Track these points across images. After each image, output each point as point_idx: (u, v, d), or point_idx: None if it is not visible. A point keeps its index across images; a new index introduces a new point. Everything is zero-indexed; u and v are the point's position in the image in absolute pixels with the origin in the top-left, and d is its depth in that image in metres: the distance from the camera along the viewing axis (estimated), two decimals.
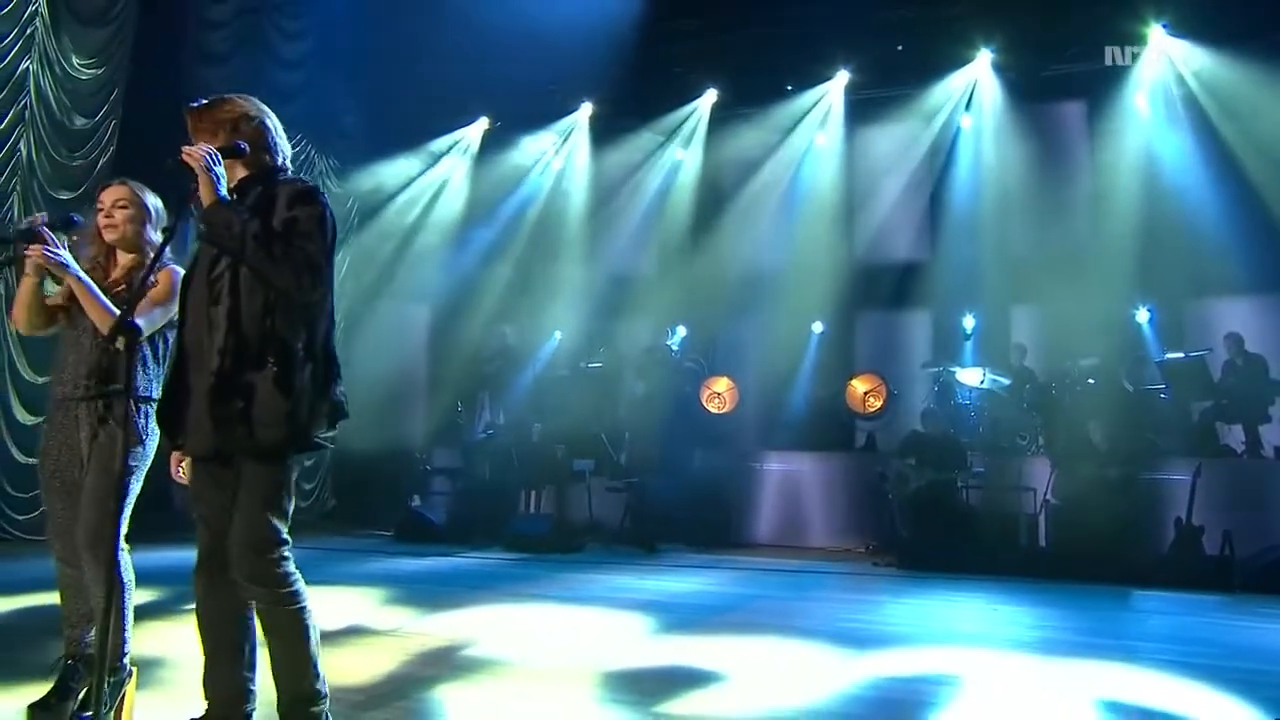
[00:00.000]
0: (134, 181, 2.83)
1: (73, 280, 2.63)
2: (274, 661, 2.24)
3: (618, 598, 5.39)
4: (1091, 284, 8.71)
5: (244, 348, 2.19)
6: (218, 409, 2.17)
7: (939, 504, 7.17)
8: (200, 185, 2.20)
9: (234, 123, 2.34)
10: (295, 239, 2.21)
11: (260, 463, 2.21)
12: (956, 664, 3.88)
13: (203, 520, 2.30)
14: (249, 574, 2.20)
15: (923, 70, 9.25)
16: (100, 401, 2.66)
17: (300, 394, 2.19)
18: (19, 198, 7.48)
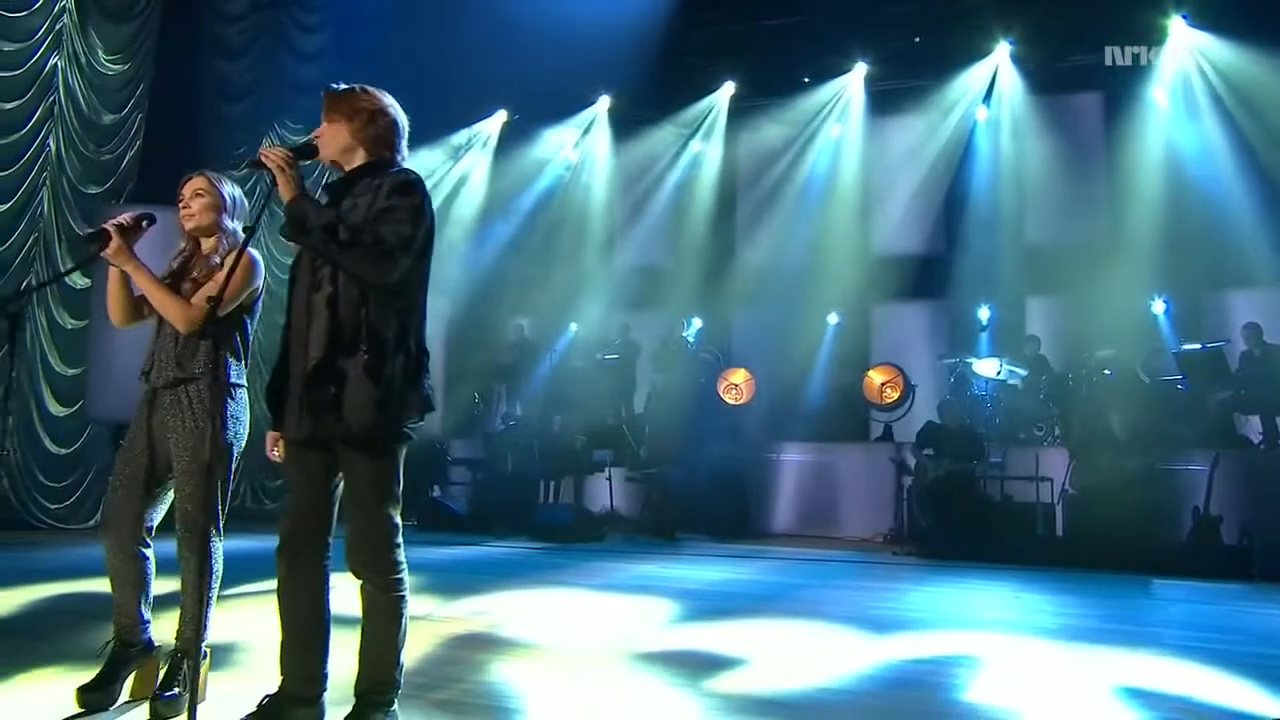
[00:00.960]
0: (211, 172, 2.88)
1: (140, 277, 2.70)
2: (364, 642, 2.33)
3: (644, 585, 5.48)
4: (1108, 275, 8.74)
5: (340, 335, 2.26)
6: (312, 394, 2.26)
7: (957, 494, 7.23)
8: (279, 183, 2.29)
9: (370, 114, 2.42)
10: (382, 227, 2.28)
11: (361, 452, 2.29)
12: (978, 648, 3.95)
13: (289, 502, 2.39)
14: (363, 559, 2.30)
15: (940, 62, 9.28)
16: (184, 389, 2.72)
17: (390, 382, 2.26)
18: (49, 192, 7.60)
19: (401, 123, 2.49)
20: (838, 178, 10.10)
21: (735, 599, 5.14)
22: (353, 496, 2.33)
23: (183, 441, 2.69)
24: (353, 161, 2.43)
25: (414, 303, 2.38)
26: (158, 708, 2.62)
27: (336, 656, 2.42)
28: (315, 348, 2.27)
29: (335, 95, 2.45)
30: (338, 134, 2.42)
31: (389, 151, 2.45)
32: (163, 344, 2.76)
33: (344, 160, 2.44)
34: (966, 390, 8.80)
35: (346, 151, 2.42)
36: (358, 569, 2.32)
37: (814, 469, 8.83)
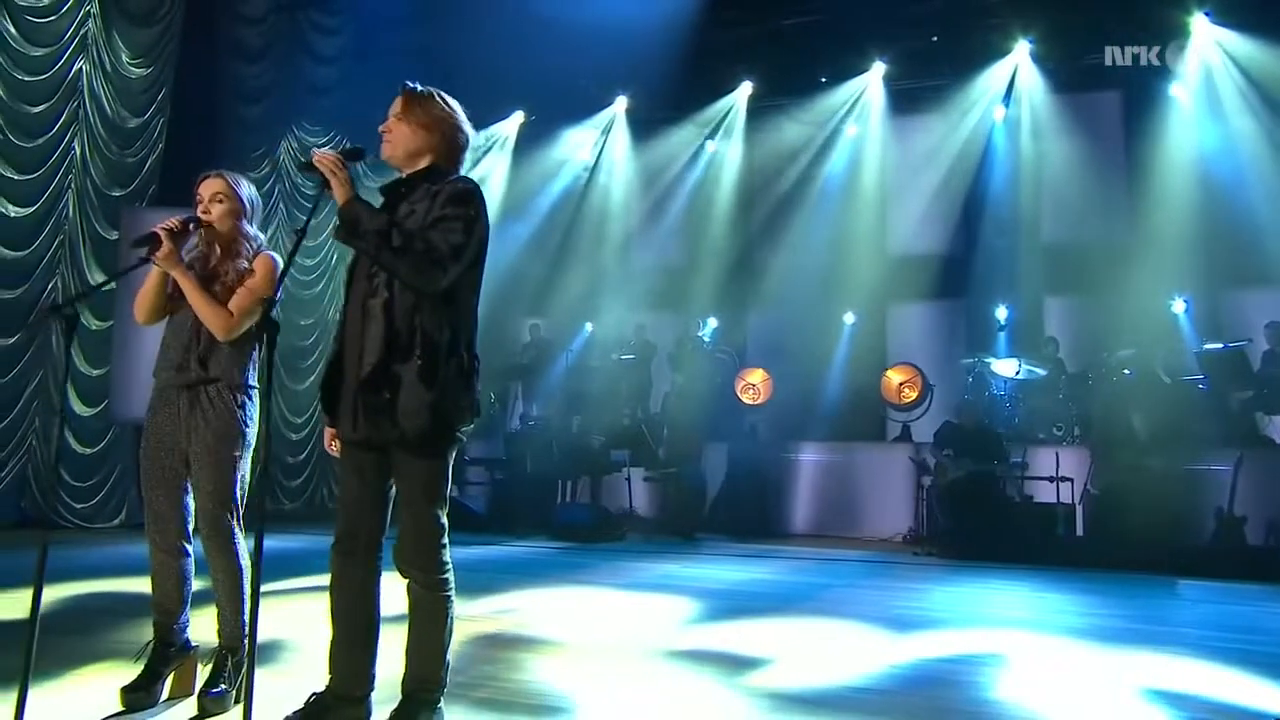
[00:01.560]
0: (229, 173, 2.91)
1: (186, 282, 2.73)
2: (411, 641, 2.37)
3: (668, 584, 5.50)
4: (1127, 275, 8.71)
5: (395, 340, 2.29)
6: (368, 398, 2.29)
7: (978, 494, 7.22)
8: (332, 186, 2.32)
9: (451, 129, 2.45)
10: (434, 235, 2.30)
11: (414, 455, 2.33)
12: (1004, 646, 3.97)
13: (342, 501, 2.43)
14: (411, 559, 2.35)
15: (959, 61, 9.26)
16: (203, 390, 2.75)
17: (443, 386, 2.29)
18: (73, 195, 7.67)
19: (468, 138, 2.52)
20: (855, 177, 10.10)
21: (759, 598, 5.16)
22: (403, 497, 2.37)
23: (204, 441, 2.72)
24: (415, 166, 2.45)
25: (466, 309, 2.40)
26: (205, 704, 2.66)
27: (383, 655, 2.46)
28: (370, 352, 2.30)
29: (416, 97, 2.45)
30: (410, 137, 2.43)
31: (450, 164, 2.48)
32: (184, 343, 2.77)
33: (407, 163, 2.45)
34: (985, 390, 8.79)
35: (413, 155, 2.44)
36: (405, 568, 2.36)
37: (832, 469, 8.83)
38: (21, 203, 7.35)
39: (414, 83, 2.48)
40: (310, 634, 3.46)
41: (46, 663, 3.11)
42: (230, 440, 2.73)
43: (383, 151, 2.46)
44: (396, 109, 2.45)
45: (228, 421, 2.73)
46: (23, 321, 7.37)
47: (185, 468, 2.76)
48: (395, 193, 2.46)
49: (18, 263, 7.34)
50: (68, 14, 7.43)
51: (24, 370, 7.34)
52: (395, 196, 2.45)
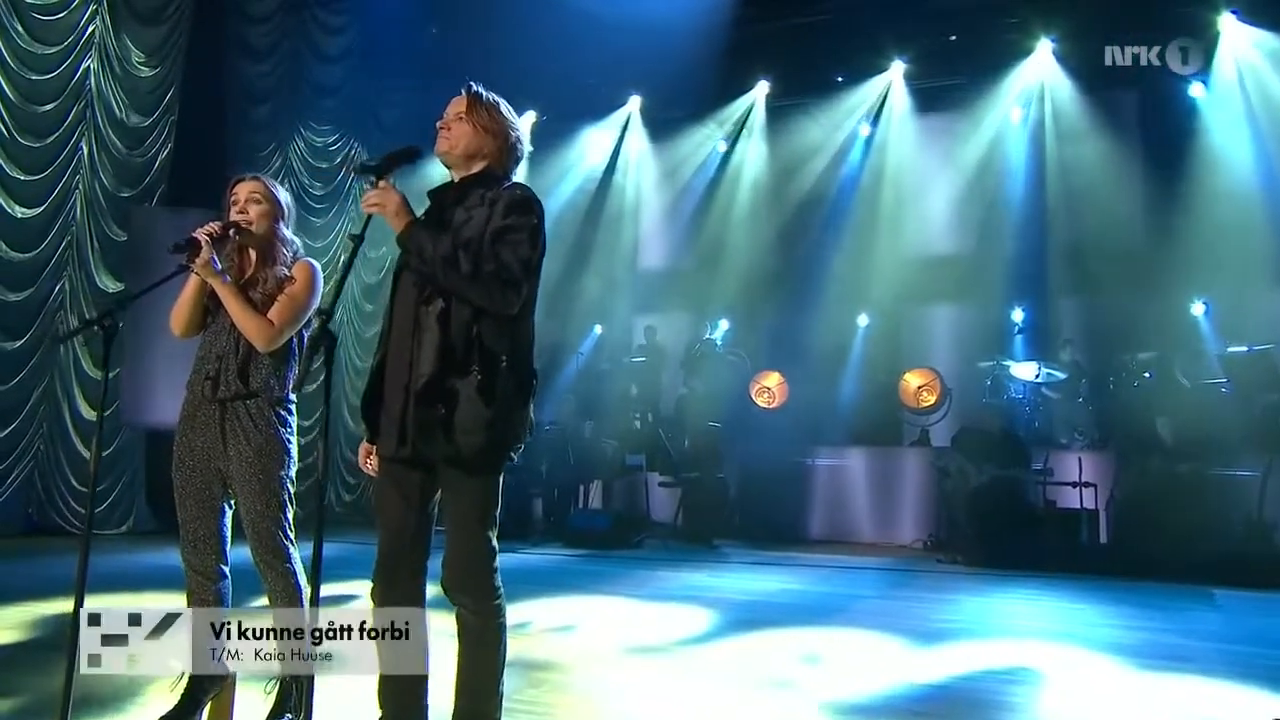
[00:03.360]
0: (265, 176, 2.80)
1: (224, 289, 2.61)
2: (462, 670, 2.24)
3: (693, 594, 5.39)
4: (1146, 276, 8.62)
5: (451, 353, 2.17)
6: (421, 413, 2.16)
7: (1000, 500, 7.12)
8: (387, 219, 2.20)
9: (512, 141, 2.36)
10: (502, 249, 2.20)
11: (467, 473, 2.20)
12: (1037, 661, 3.89)
13: (383, 523, 2.28)
14: (461, 584, 2.21)
15: (978, 61, 9.14)
16: (241, 405, 2.62)
17: (501, 403, 2.17)
18: (81, 196, 7.55)
19: (524, 148, 2.44)
20: (870, 178, 9.98)
21: (787, 610, 5.06)
22: (453, 518, 2.24)
23: (246, 459, 2.59)
24: (470, 168, 2.35)
25: (525, 321, 2.29)
26: None
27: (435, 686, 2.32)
28: (425, 365, 2.17)
29: (481, 100, 2.35)
30: (471, 140, 2.32)
31: (503, 171, 2.38)
32: (221, 355, 2.64)
33: (462, 164, 2.35)
34: (1003, 394, 8.69)
35: (470, 157, 2.33)
36: (454, 595, 2.23)
37: (849, 473, 8.72)
38: (29, 204, 7.23)
39: (476, 85, 2.37)
40: None
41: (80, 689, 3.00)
42: (276, 457, 2.61)
43: (438, 147, 2.34)
44: (460, 108, 2.34)
45: (270, 438, 2.61)
46: (31, 323, 7.25)
47: (223, 487, 2.64)
48: (448, 197, 2.34)
49: (25, 264, 7.22)
50: (75, 12, 7.31)
51: (31, 375, 7.22)
52: (449, 201, 2.33)
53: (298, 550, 2.65)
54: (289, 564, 2.59)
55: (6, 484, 7.03)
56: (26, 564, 6.07)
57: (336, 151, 10.10)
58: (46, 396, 7.32)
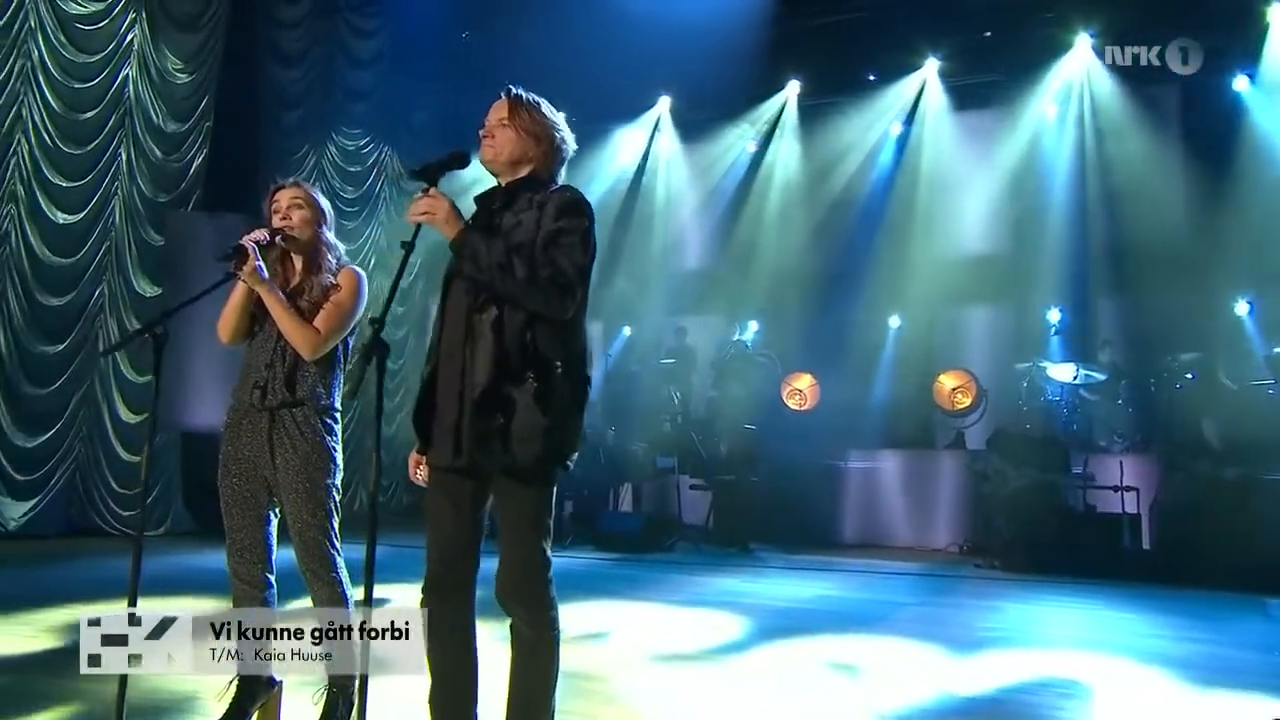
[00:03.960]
0: (304, 182, 2.79)
1: (271, 299, 2.60)
2: (514, 682, 2.20)
3: (729, 600, 5.34)
4: (1187, 275, 8.42)
5: (506, 360, 2.13)
6: (478, 423, 2.12)
7: (1040, 504, 6.99)
8: (438, 227, 2.16)
9: (558, 143, 2.32)
10: (556, 254, 2.16)
11: (522, 483, 2.17)
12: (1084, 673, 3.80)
13: (434, 533, 2.24)
14: (515, 595, 2.18)
15: (1013, 57, 8.99)
16: (288, 413, 2.61)
17: (557, 411, 2.13)
18: (120, 201, 7.66)
19: (569, 149, 2.39)
20: (903, 177, 9.86)
21: (826, 617, 5.00)
22: (507, 527, 2.20)
23: (293, 468, 2.57)
24: (515, 174, 2.31)
25: (578, 326, 2.24)
26: None
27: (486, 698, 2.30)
28: (480, 373, 2.13)
29: (522, 103, 2.31)
30: (514, 144, 2.28)
31: (549, 174, 2.34)
32: (267, 363, 2.63)
33: (508, 170, 2.31)
34: (1040, 396, 8.53)
35: (516, 162, 2.30)
36: (509, 605, 2.19)
37: (883, 476, 8.62)
38: (70, 210, 7.34)
39: (518, 88, 2.34)
40: None
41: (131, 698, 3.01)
42: (322, 467, 2.60)
43: (483, 155, 2.31)
44: (501, 113, 2.31)
45: (317, 446, 2.60)
46: (71, 328, 7.35)
47: (268, 496, 2.63)
48: (496, 202, 2.31)
49: (66, 269, 7.33)
50: (115, 21, 7.41)
51: (72, 379, 7.33)
52: (497, 205, 2.30)
53: (343, 558, 2.64)
54: (335, 573, 2.58)
55: (49, 487, 7.13)
56: (69, 566, 6.15)
57: (367, 155, 10.17)
58: (86, 400, 7.43)
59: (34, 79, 7.06)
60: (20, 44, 6.96)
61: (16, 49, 6.95)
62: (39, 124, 7.11)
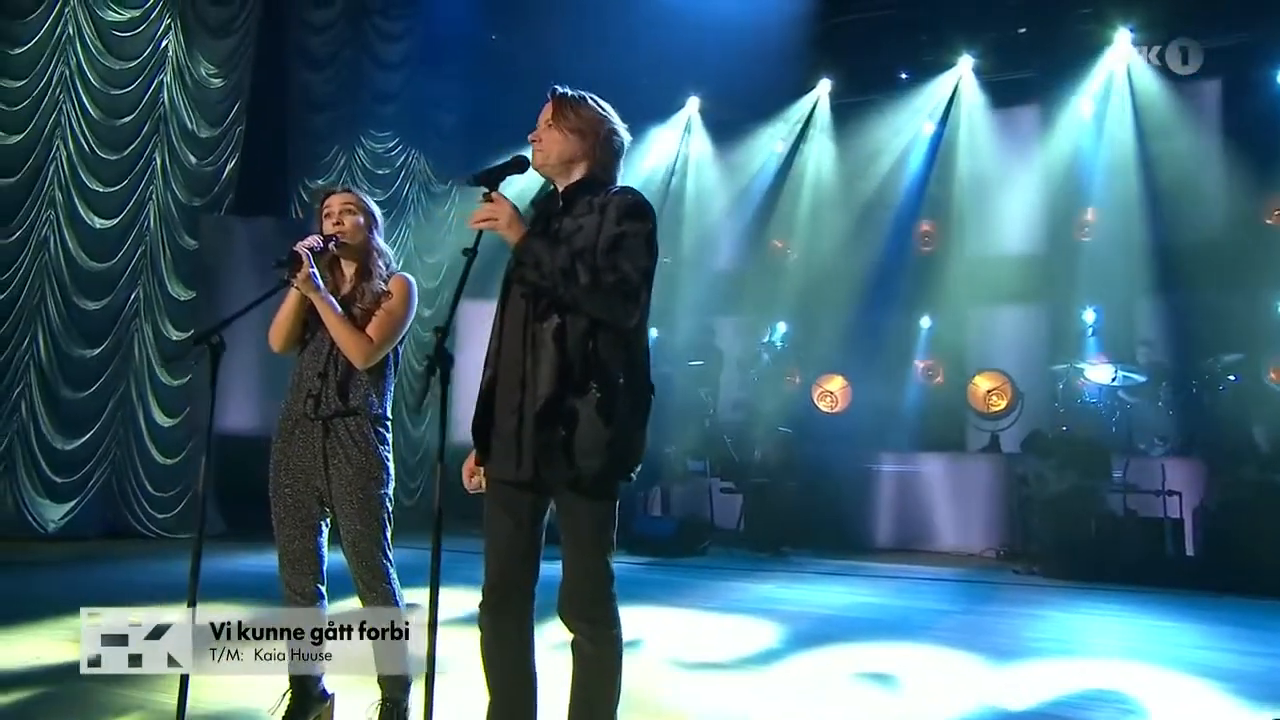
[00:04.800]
0: (356, 187, 2.77)
1: (324, 307, 2.57)
2: (576, 698, 2.16)
3: (767, 608, 5.28)
4: (1229, 274, 8.23)
5: (568, 371, 2.07)
6: (540, 436, 2.07)
7: (1080, 508, 6.86)
8: (500, 233, 2.12)
9: (607, 134, 2.25)
10: (620, 259, 2.10)
11: (585, 496, 2.11)
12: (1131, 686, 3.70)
13: (493, 547, 2.20)
14: (579, 610, 2.14)
15: (1049, 54, 8.83)
16: (341, 423, 2.59)
17: (621, 423, 2.08)
18: (155, 206, 7.72)
19: (624, 143, 2.31)
20: (936, 176, 9.73)
21: (865, 624, 4.92)
22: (571, 542, 2.15)
23: (346, 478, 2.55)
24: (570, 176, 2.25)
25: (640, 333, 2.18)
26: None
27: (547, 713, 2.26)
28: (542, 384, 2.07)
29: (566, 102, 2.25)
30: (563, 145, 2.22)
31: (611, 171, 2.28)
32: (320, 372, 2.60)
33: (560, 174, 2.25)
34: (1077, 398, 8.37)
35: (568, 163, 2.23)
36: (573, 621, 2.15)
37: (916, 479, 8.50)
38: (106, 215, 7.43)
39: (562, 87, 2.28)
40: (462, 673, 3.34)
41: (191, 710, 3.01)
42: (375, 477, 2.57)
43: (534, 160, 2.25)
44: (546, 115, 2.25)
45: (370, 457, 2.57)
46: (107, 332, 7.43)
47: (320, 506, 2.61)
48: (555, 206, 2.26)
49: (102, 274, 7.42)
50: (150, 27, 7.49)
51: (108, 382, 7.41)
52: (556, 210, 2.25)
53: (396, 569, 2.62)
54: (389, 584, 2.56)
55: (87, 489, 7.22)
56: (110, 568, 6.21)
57: (395, 158, 10.19)
58: (122, 403, 7.51)
59: (72, 86, 7.15)
60: (60, 51, 7.05)
61: (56, 56, 7.04)
62: (77, 130, 7.21)
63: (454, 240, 10.80)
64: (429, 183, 10.47)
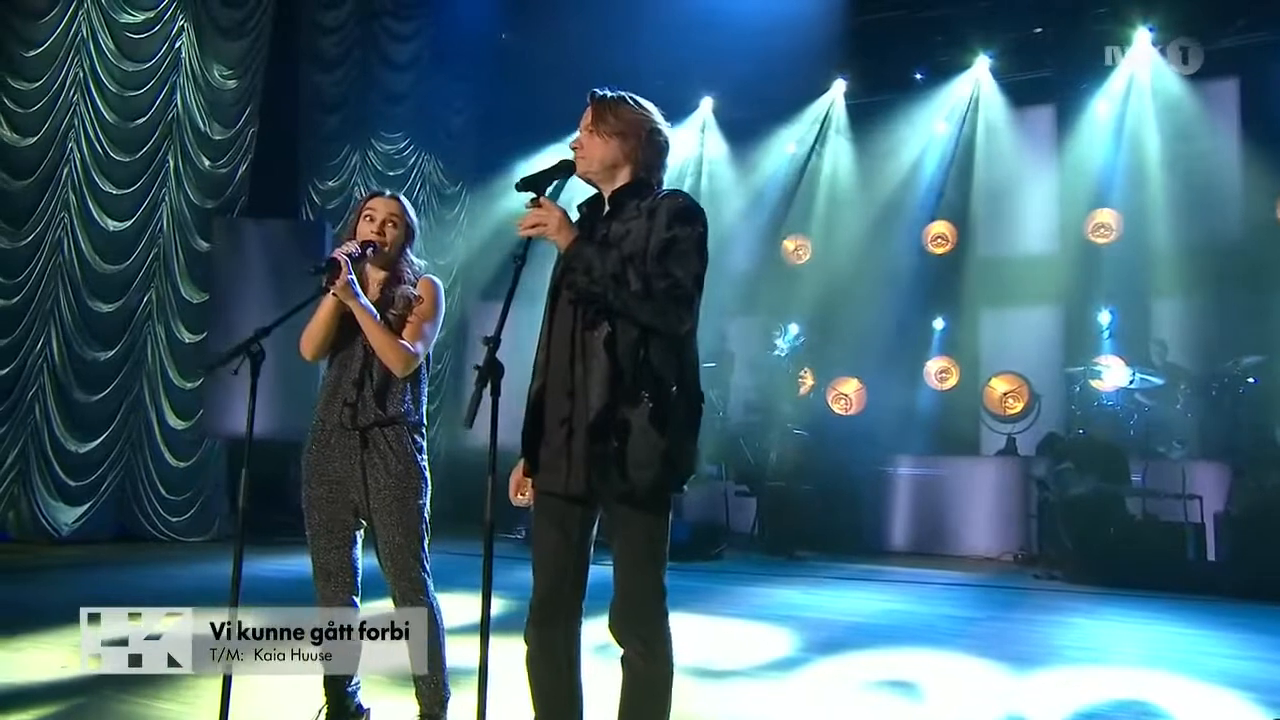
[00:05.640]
0: (402, 195, 2.73)
1: (363, 315, 2.52)
2: (626, 715, 2.10)
3: (789, 615, 5.23)
4: (1248, 275, 8.16)
5: (620, 380, 2.01)
6: (593, 448, 2.01)
7: (1101, 512, 6.79)
8: (553, 239, 2.07)
9: (647, 133, 2.18)
10: (671, 264, 2.05)
11: (639, 509, 2.05)
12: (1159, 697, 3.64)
13: (541, 561, 2.14)
14: (632, 626, 2.08)
15: (1067, 53, 8.76)
16: (380, 432, 2.53)
17: (675, 432, 2.03)
18: (168, 208, 7.70)
19: (668, 140, 2.25)
20: (952, 177, 9.66)
21: (883, 631, 4.88)
22: (624, 557, 2.08)
23: (386, 489, 2.50)
24: (615, 181, 2.19)
25: (690, 340, 2.13)
26: None
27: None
28: (594, 395, 2.02)
29: (605, 104, 2.18)
30: (604, 149, 2.16)
31: (655, 174, 2.22)
32: (356, 380, 2.55)
33: (604, 178, 2.19)
34: (1094, 400, 8.30)
35: (611, 169, 2.18)
36: (624, 637, 2.08)
37: (932, 482, 8.44)
38: (119, 217, 7.40)
39: (601, 89, 2.22)
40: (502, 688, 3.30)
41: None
42: (414, 487, 2.53)
43: (578, 167, 2.20)
44: (586, 120, 2.20)
45: (409, 466, 2.53)
46: (121, 334, 7.41)
47: (355, 518, 2.57)
48: (601, 212, 2.20)
49: (115, 276, 7.39)
50: (164, 28, 7.46)
51: (121, 385, 7.39)
52: (602, 216, 2.19)
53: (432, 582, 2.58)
54: (426, 595, 2.51)
55: (100, 492, 7.19)
56: (127, 572, 6.17)
57: (406, 159, 10.16)
58: (135, 406, 7.48)
59: (86, 88, 7.12)
60: (74, 53, 7.03)
61: (71, 58, 7.02)
62: (91, 133, 7.18)
63: (463, 244, 10.78)
64: (440, 185, 10.44)
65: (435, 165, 10.43)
